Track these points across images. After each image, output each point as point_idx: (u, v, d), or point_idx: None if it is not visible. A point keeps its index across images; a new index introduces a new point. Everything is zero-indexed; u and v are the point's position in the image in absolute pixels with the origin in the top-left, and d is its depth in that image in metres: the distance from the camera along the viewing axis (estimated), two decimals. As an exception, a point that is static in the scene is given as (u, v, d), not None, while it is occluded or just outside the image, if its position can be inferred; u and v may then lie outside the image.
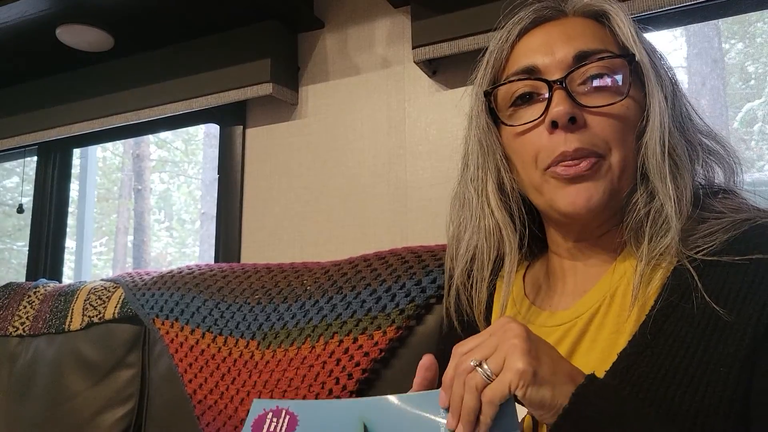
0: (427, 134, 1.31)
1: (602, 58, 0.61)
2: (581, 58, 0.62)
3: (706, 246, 0.57)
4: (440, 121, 1.30)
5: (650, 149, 0.60)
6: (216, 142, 1.63)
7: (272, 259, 1.43)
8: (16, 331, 1.44)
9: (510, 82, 0.65)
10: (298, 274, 1.16)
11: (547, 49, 0.64)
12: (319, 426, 0.55)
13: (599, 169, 0.61)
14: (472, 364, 0.50)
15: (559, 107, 0.60)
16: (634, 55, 0.62)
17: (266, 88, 1.38)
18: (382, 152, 1.35)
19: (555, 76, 0.62)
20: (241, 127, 1.54)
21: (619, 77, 0.62)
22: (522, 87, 0.65)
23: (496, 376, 0.49)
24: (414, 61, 1.24)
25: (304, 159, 1.45)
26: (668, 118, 0.61)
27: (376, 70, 1.38)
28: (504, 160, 0.68)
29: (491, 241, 0.68)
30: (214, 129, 5.52)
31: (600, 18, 0.66)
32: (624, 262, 0.64)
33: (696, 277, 0.56)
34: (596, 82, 0.62)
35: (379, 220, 1.33)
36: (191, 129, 6.75)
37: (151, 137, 6.99)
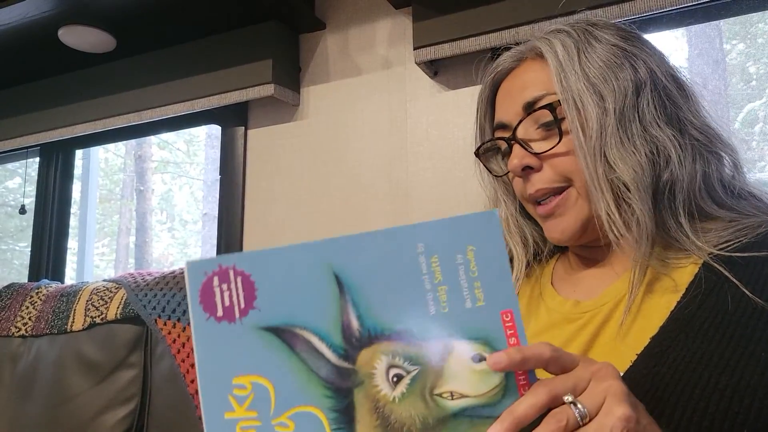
0: (428, 135, 1.31)
1: (538, 108, 0.68)
2: (528, 108, 0.69)
3: (735, 241, 0.60)
4: (441, 121, 1.30)
5: (585, 176, 0.65)
6: (218, 143, 1.64)
7: (274, 259, 1.43)
8: (18, 331, 1.44)
9: (483, 145, 0.77)
10: (300, 274, 1.16)
11: (509, 103, 0.72)
12: (281, 286, 0.44)
13: (567, 200, 0.68)
14: (567, 400, 0.43)
15: (513, 161, 0.69)
16: (551, 104, 0.67)
17: (268, 89, 1.38)
18: (383, 153, 1.36)
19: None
20: (243, 128, 1.55)
21: (553, 122, 0.68)
22: (500, 144, 0.75)
23: (590, 419, 0.43)
24: (415, 62, 1.24)
25: (305, 160, 1.45)
26: (597, 141, 0.64)
27: (377, 70, 1.39)
28: (506, 197, 0.78)
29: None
30: (215, 130, 5.53)
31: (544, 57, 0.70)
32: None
33: (728, 270, 0.58)
34: (543, 127, 0.68)
35: (380, 220, 1.34)
36: (193, 130, 6.76)
37: (153, 138, 7.00)
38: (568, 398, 0.44)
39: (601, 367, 0.46)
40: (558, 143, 0.66)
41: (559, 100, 0.66)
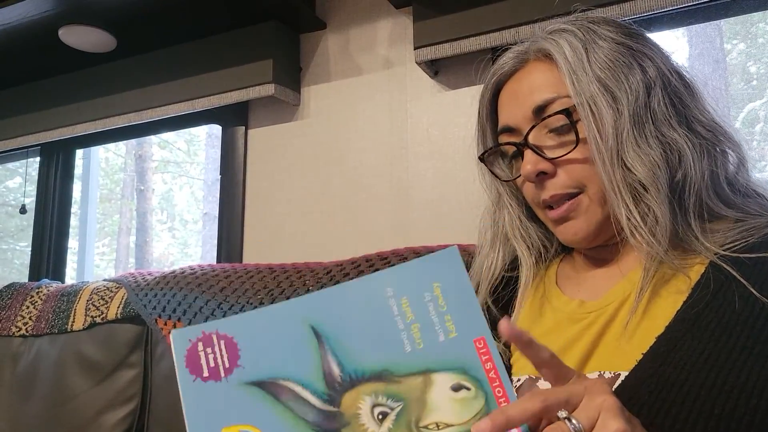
0: (429, 135, 1.31)
1: (551, 114, 0.66)
2: (539, 112, 0.67)
3: (742, 241, 0.59)
4: (442, 121, 1.30)
5: (603, 181, 0.64)
6: (218, 142, 1.64)
7: (274, 259, 1.43)
8: (18, 331, 1.44)
9: (490, 149, 0.75)
10: (300, 274, 1.16)
11: (515, 106, 0.70)
12: (262, 344, 0.47)
13: (579, 205, 0.67)
14: (561, 416, 0.44)
15: (527, 167, 0.67)
16: (567, 109, 0.65)
17: (268, 89, 1.38)
18: (383, 153, 1.35)
19: (525, 131, 0.68)
20: (243, 127, 1.55)
21: (567, 126, 0.66)
22: (507, 148, 0.73)
23: None
24: (416, 62, 1.24)
25: (306, 159, 1.45)
26: (614, 144, 0.63)
27: (377, 70, 1.39)
28: (511, 200, 0.77)
29: (496, 267, 0.77)
30: (216, 130, 5.53)
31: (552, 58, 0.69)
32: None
33: (736, 270, 0.57)
34: (556, 131, 0.67)
35: (380, 220, 1.34)
36: (194, 130, 6.77)
37: (153, 138, 7.00)
38: (562, 414, 0.44)
39: (594, 382, 0.46)
40: (574, 148, 0.65)
41: (574, 105, 0.65)
